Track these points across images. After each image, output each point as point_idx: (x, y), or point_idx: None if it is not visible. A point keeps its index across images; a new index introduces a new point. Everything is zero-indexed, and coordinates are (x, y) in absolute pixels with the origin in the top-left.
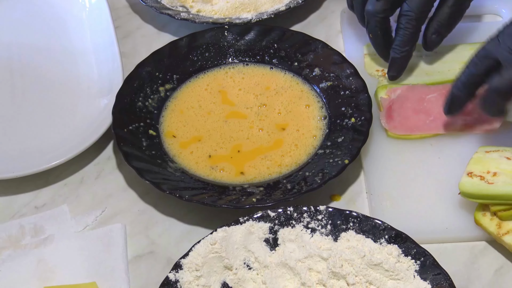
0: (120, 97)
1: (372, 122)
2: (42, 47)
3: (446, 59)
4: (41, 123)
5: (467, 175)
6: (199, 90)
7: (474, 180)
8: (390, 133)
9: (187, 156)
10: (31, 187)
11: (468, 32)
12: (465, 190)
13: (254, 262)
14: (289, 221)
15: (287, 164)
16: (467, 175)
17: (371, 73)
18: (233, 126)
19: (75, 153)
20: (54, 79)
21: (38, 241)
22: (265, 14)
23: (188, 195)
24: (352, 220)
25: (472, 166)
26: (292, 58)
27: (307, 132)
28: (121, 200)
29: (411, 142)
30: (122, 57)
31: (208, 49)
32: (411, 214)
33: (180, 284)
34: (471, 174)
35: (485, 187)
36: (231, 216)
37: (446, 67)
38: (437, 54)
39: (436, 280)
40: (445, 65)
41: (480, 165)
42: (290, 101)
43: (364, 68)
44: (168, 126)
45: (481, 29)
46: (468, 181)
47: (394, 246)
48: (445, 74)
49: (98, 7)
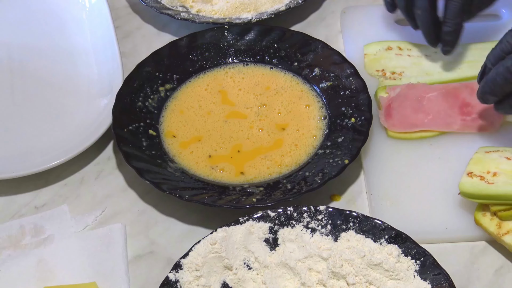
0: (120, 97)
1: (372, 122)
2: (42, 47)
3: (446, 59)
4: (41, 123)
5: (467, 175)
6: (199, 90)
7: (474, 180)
8: (390, 132)
9: (187, 156)
10: (31, 187)
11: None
12: (465, 190)
13: (254, 262)
14: (289, 221)
15: (287, 164)
16: (467, 175)
17: (371, 73)
18: (233, 126)
19: (75, 153)
20: (54, 79)
21: (38, 241)
22: (265, 14)
23: (188, 195)
24: (352, 220)
25: (472, 166)
26: (292, 58)
27: (307, 132)
28: (121, 200)
29: (411, 142)
30: (122, 57)
31: (208, 49)
32: (412, 214)
33: (180, 284)
34: (471, 174)
35: (485, 187)
36: (231, 216)
37: (447, 67)
38: (437, 54)
39: (436, 280)
40: (445, 65)
41: (480, 165)
42: (290, 101)
43: (364, 68)
44: (168, 126)
45: (482, 29)
46: (468, 181)
47: (394, 246)
48: (445, 74)
49: (98, 7)
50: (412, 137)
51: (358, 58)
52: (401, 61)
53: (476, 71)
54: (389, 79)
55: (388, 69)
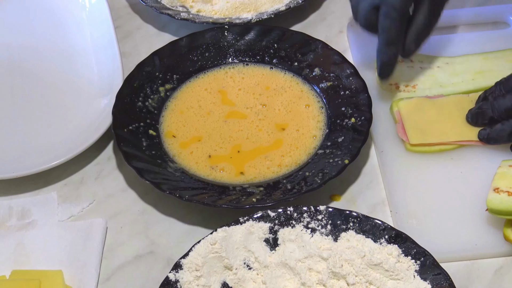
0: (120, 97)
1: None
2: (42, 47)
3: (458, 70)
4: (41, 123)
5: (493, 191)
6: (199, 90)
7: (502, 196)
8: (409, 146)
9: (187, 156)
10: (31, 187)
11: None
12: (494, 207)
13: (254, 262)
14: (289, 221)
15: (287, 164)
16: (494, 191)
17: (384, 87)
18: (233, 126)
19: (75, 153)
20: (54, 79)
21: (21, 224)
22: (265, 14)
23: (188, 195)
24: (352, 220)
25: (498, 181)
26: (292, 58)
27: (307, 132)
28: (121, 200)
29: (431, 156)
30: (122, 57)
31: (208, 49)
32: (439, 232)
33: (180, 284)
34: (498, 190)
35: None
36: (231, 216)
37: (460, 79)
38: (449, 65)
39: (436, 280)
40: (458, 76)
41: (506, 180)
42: (290, 101)
43: (377, 82)
44: (168, 126)
45: (492, 38)
46: (496, 198)
47: (394, 246)
48: (459, 85)
49: (98, 7)
50: (432, 150)
51: (369, 73)
52: (414, 73)
53: (489, 80)
54: (403, 92)
55: (401, 82)
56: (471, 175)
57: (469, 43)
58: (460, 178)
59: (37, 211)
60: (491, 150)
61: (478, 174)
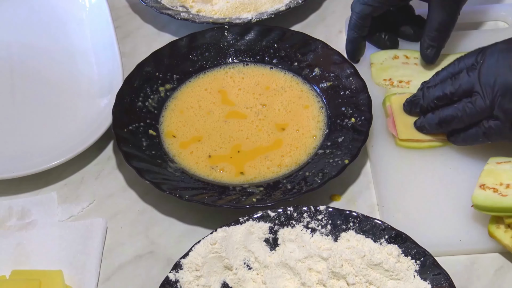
0: (120, 97)
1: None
2: (42, 47)
3: None
4: (41, 123)
5: (479, 188)
6: (199, 90)
7: (487, 192)
8: (399, 141)
9: (187, 156)
10: (31, 187)
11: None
12: (479, 203)
13: (254, 262)
14: (289, 221)
15: (287, 164)
16: (480, 188)
17: (378, 82)
18: (233, 126)
19: (75, 153)
20: (54, 79)
21: (21, 224)
22: (265, 14)
23: (188, 195)
24: (352, 220)
25: (484, 178)
26: (292, 58)
27: (307, 132)
28: (121, 200)
29: (421, 152)
30: (122, 57)
31: (208, 49)
32: (425, 227)
33: (180, 284)
34: (484, 187)
35: (499, 200)
36: (231, 216)
37: None
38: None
39: (436, 280)
40: None
41: (492, 177)
42: (290, 101)
43: (371, 78)
44: (168, 126)
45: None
46: (481, 194)
47: (394, 246)
48: None
49: (98, 7)
50: (421, 146)
51: (364, 69)
52: (408, 69)
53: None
54: (397, 87)
55: (395, 78)
56: (459, 171)
57: (468, 42)
58: (449, 174)
59: (37, 211)
60: (479, 148)
61: (466, 171)
